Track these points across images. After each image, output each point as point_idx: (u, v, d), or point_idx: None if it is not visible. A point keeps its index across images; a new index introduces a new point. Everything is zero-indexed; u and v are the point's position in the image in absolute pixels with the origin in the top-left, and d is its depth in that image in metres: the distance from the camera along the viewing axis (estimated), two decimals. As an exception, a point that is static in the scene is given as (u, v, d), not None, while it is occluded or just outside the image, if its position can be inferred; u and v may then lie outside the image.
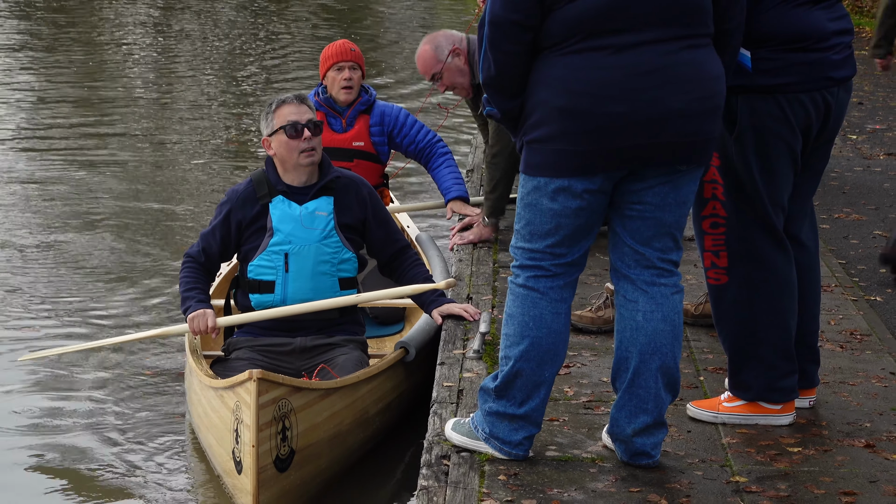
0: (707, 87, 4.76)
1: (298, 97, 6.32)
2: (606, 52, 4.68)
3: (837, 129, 5.32)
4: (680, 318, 4.96)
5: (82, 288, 8.64)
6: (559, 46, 4.73)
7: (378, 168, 8.03)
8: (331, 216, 6.27)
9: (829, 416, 5.56)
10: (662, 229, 4.90)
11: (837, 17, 5.19)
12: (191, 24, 22.01)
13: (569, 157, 4.75)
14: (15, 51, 18.43)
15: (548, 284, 4.92)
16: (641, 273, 4.94)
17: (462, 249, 7.96)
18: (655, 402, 4.96)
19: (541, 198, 4.84)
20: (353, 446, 5.98)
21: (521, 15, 4.69)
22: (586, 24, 4.67)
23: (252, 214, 6.27)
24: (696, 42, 4.75)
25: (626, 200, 4.88)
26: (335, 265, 6.29)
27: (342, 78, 7.84)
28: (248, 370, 5.26)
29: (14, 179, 11.44)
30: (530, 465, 5.04)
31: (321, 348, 6.26)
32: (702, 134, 4.79)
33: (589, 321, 6.57)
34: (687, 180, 4.87)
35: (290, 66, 17.98)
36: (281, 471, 5.38)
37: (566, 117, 4.72)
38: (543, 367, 4.94)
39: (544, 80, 4.75)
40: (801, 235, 5.41)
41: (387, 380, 6.24)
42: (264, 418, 5.25)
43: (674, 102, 4.71)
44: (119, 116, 14.46)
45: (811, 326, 5.51)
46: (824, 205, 9.19)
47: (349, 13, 23.70)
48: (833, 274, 7.58)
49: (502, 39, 4.73)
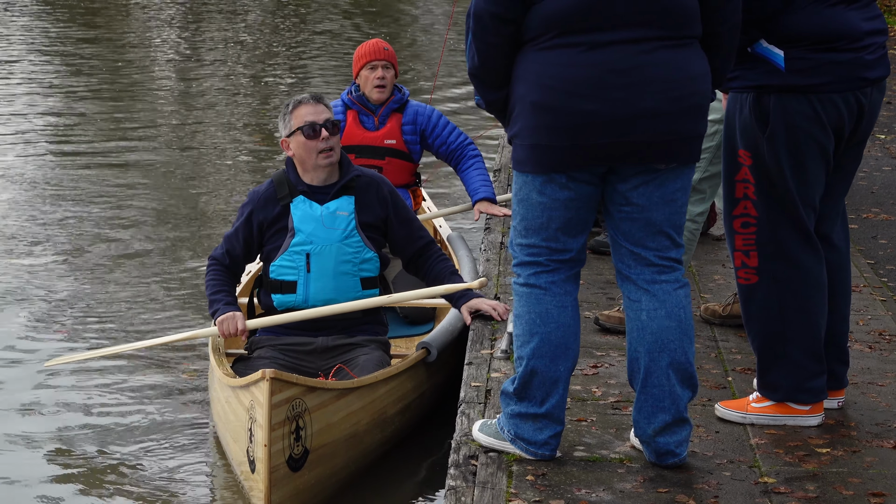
0: (684, 86, 4.76)
1: (315, 97, 6.32)
2: (579, 49, 4.71)
3: (870, 130, 5.30)
4: (686, 313, 4.95)
5: (111, 293, 8.64)
6: (536, 41, 4.77)
7: (410, 167, 8.03)
8: (352, 216, 6.27)
9: (857, 416, 5.54)
10: (654, 228, 4.90)
11: (871, 17, 5.16)
12: (219, 25, 22.06)
13: (544, 153, 4.79)
14: (42, 52, 18.50)
15: (549, 279, 4.94)
16: (642, 272, 4.94)
17: (489, 249, 7.95)
18: (672, 399, 4.95)
19: (530, 192, 4.89)
20: (370, 446, 5.98)
21: (501, 8, 4.73)
22: (562, 21, 4.71)
23: (273, 215, 6.28)
24: (676, 42, 4.75)
25: (614, 202, 4.91)
26: (357, 265, 6.29)
27: (375, 77, 7.85)
28: (262, 370, 5.28)
29: (40, 180, 11.47)
30: (558, 466, 5.03)
31: (343, 348, 6.27)
32: (677, 133, 4.79)
33: (616, 321, 6.56)
34: (672, 178, 4.87)
35: (318, 67, 17.99)
36: (294, 470, 5.39)
37: (539, 113, 4.77)
38: (557, 363, 4.95)
39: (522, 75, 4.81)
40: (832, 235, 5.39)
41: (407, 380, 6.24)
42: (277, 418, 5.26)
43: (645, 102, 4.72)
44: (146, 114, 14.49)
45: (841, 327, 5.49)
46: (853, 204, 9.15)
47: (378, 15, 23.72)
48: (862, 274, 7.55)
49: (484, 31, 4.78)
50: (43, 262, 9.16)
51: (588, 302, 6.94)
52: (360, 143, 7.88)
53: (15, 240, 9.62)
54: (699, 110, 4.83)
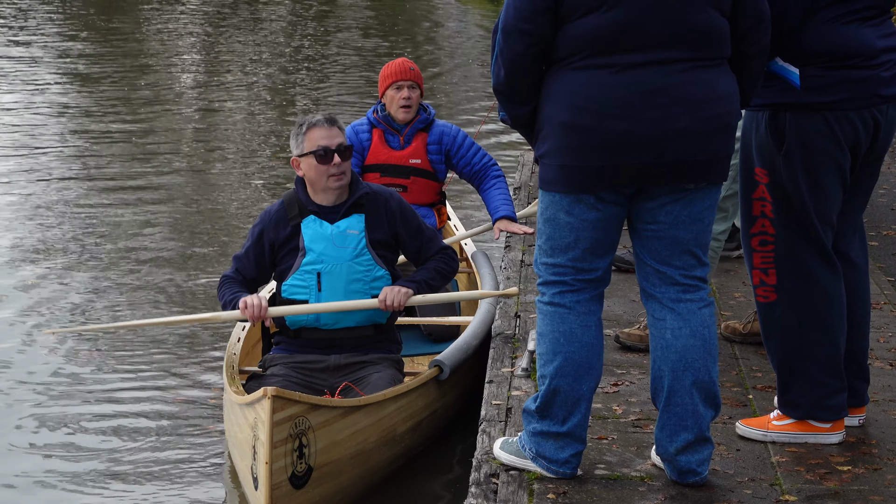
0: (714, 106, 4.77)
1: (329, 119, 6.30)
2: (611, 70, 4.72)
3: (887, 147, 5.31)
4: (710, 332, 4.95)
5: (132, 311, 8.68)
6: (567, 61, 4.78)
7: (435, 186, 8.05)
8: (362, 234, 6.28)
9: (878, 434, 5.53)
10: (680, 247, 4.91)
11: (886, 34, 5.17)
12: (238, 40, 22.13)
13: (574, 174, 4.80)
14: (60, 62, 18.59)
15: (574, 299, 4.94)
16: (667, 291, 4.95)
17: (510, 267, 7.97)
18: (694, 418, 4.95)
19: (557, 212, 4.89)
20: (379, 464, 5.99)
21: (532, 25, 4.73)
22: (594, 41, 4.71)
23: (285, 235, 6.29)
24: (706, 63, 4.76)
25: (641, 220, 4.91)
26: (368, 283, 6.29)
27: (401, 97, 7.87)
28: (264, 387, 5.30)
29: (56, 200, 11.51)
30: (579, 484, 5.04)
31: (355, 366, 6.28)
32: (708, 153, 4.80)
33: (637, 339, 6.56)
34: (700, 197, 4.88)
35: (340, 84, 18.05)
36: (297, 487, 5.40)
37: (569, 133, 4.77)
38: (580, 382, 4.95)
39: (551, 95, 4.82)
40: (850, 252, 5.39)
41: (418, 398, 6.25)
42: (279, 435, 5.28)
43: (677, 122, 4.73)
44: (165, 133, 14.55)
45: (861, 344, 5.49)
46: (873, 222, 9.15)
47: (401, 33, 23.78)
48: (882, 291, 7.54)
49: (512, 47, 4.78)
50: (55, 273, 9.20)
51: (608, 319, 6.95)
52: (385, 161, 7.91)
53: (19, 248, 9.68)
54: (729, 130, 4.84)
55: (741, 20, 4.79)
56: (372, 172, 7.94)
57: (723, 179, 4.91)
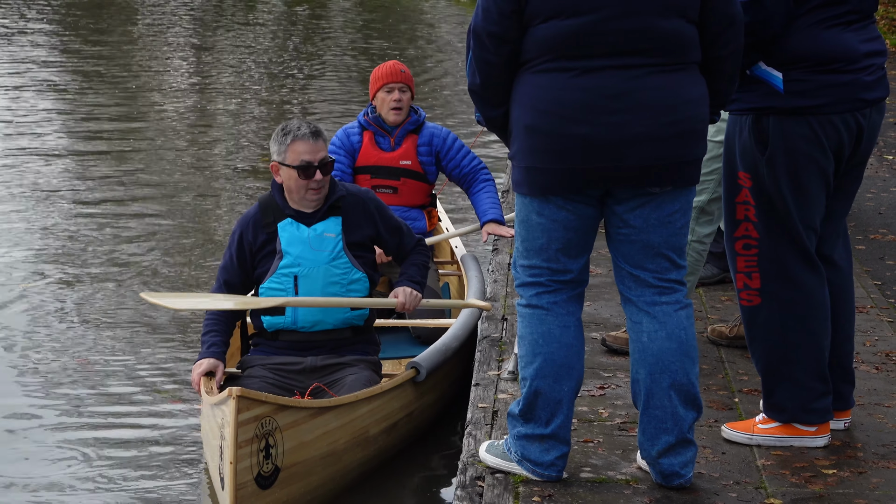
0: (678, 111, 4.77)
1: (314, 133, 6.26)
2: (571, 74, 4.75)
3: (870, 151, 5.32)
4: (687, 334, 4.95)
5: (118, 313, 8.68)
6: (531, 64, 4.82)
7: (425, 187, 8.07)
8: (339, 237, 6.29)
9: (864, 438, 5.55)
10: (652, 250, 4.92)
11: (870, 38, 5.19)
12: (227, 43, 22.13)
13: (538, 175, 4.83)
14: (49, 67, 18.59)
15: (551, 300, 4.96)
16: (643, 293, 4.96)
17: (497, 270, 7.97)
18: (674, 420, 4.96)
19: (529, 213, 4.93)
20: (350, 465, 5.99)
21: (499, 28, 4.78)
22: (556, 46, 4.75)
23: (262, 238, 6.31)
24: (670, 67, 4.77)
25: (612, 224, 4.94)
26: (345, 286, 6.30)
27: (392, 99, 7.90)
28: (229, 388, 5.32)
29: (47, 193, 11.51)
30: (565, 487, 5.04)
31: (332, 368, 6.29)
32: (671, 158, 4.80)
33: (623, 342, 6.57)
34: (669, 200, 4.88)
35: (327, 87, 18.05)
36: (263, 488, 5.42)
37: (532, 136, 4.81)
38: (561, 383, 4.96)
39: (517, 98, 4.86)
40: (834, 256, 5.41)
41: (393, 399, 6.25)
42: (244, 436, 5.29)
43: (637, 127, 4.74)
44: (157, 140, 14.55)
45: (846, 348, 5.51)
46: (860, 225, 9.16)
47: (391, 36, 23.78)
48: (869, 295, 7.56)
49: (483, 50, 4.83)
50: (46, 283, 9.20)
51: (596, 323, 6.96)
52: (375, 163, 7.94)
53: (14, 264, 9.68)
54: (694, 135, 4.83)
55: (711, 24, 4.80)
56: (362, 174, 7.96)
57: (692, 183, 4.91)
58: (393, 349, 7.31)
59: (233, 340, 6.91)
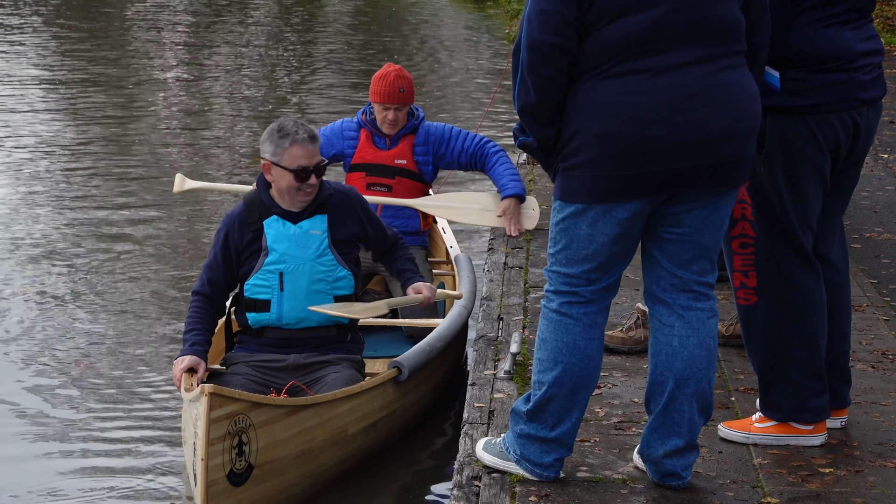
0: (745, 107, 4.77)
1: (311, 137, 6.23)
2: (646, 76, 4.66)
3: (867, 150, 5.32)
4: (715, 343, 4.95)
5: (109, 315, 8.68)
6: (597, 70, 4.70)
7: (421, 187, 8.06)
8: (325, 234, 6.29)
9: (860, 436, 5.55)
10: (701, 252, 4.89)
11: (867, 37, 5.19)
12: (223, 39, 22.12)
13: (608, 183, 4.73)
14: (42, 66, 18.58)
15: (581, 311, 4.91)
16: (678, 297, 4.93)
17: (493, 269, 7.98)
18: (689, 425, 4.96)
19: (578, 223, 4.83)
20: (327, 464, 5.98)
21: (561, 38, 4.66)
22: (625, 47, 4.65)
23: (248, 237, 6.31)
24: (733, 62, 4.75)
25: (663, 224, 4.87)
26: (330, 283, 6.30)
27: (387, 117, 7.92)
28: (202, 384, 5.32)
29: (42, 193, 11.50)
30: (561, 486, 5.04)
31: (314, 366, 6.29)
32: (742, 154, 4.79)
33: (620, 342, 6.57)
34: (725, 202, 4.87)
35: (323, 86, 18.04)
36: (236, 485, 5.42)
37: (606, 142, 4.70)
38: (576, 393, 4.95)
39: (583, 106, 4.73)
40: (830, 255, 5.41)
41: (373, 399, 6.24)
42: (216, 433, 5.29)
43: (715, 124, 4.70)
44: (151, 136, 14.54)
45: (842, 346, 5.51)
46: (855, 224, 9.17)
47: (390, 32, 23.78)
48: (864, 293, 7.56)
49: (541, 64, 4.69)
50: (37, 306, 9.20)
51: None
52: (371, 161, 7.94)
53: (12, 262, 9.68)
54: (755, 132, 4.83)
55: (752, 8, 4.79)
56: (357, 172, 7.96)
57: (744, 182, 4.90)
58: (385, 348, 7.30)
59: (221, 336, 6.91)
